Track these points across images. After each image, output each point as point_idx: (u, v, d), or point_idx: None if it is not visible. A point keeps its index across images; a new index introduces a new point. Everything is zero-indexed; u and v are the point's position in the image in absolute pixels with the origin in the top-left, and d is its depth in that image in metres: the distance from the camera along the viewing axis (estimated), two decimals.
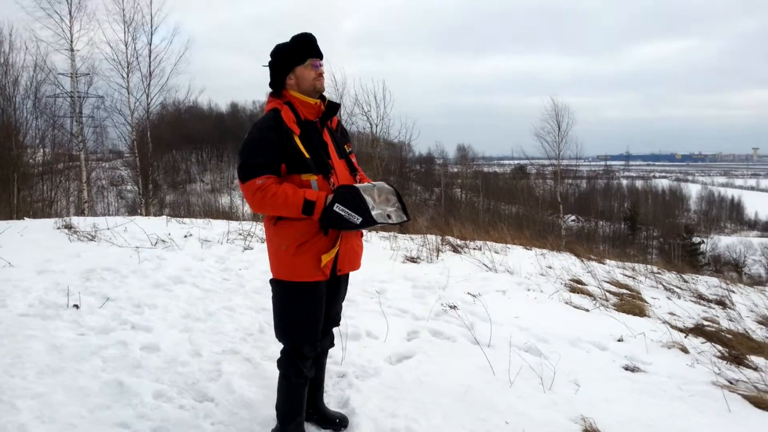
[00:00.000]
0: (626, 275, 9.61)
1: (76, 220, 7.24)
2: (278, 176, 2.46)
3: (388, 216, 2.50)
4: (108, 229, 6.79)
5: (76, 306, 4.03)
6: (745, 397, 3.74)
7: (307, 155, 2.47)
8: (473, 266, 7.60)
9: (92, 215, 14.65)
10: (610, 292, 7.29)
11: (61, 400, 2.80)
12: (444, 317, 4.90)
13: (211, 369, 3.34)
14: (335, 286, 2.69)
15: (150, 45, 21.07)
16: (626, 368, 4.14)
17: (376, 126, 23.68)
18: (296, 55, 2.56)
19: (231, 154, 76.57)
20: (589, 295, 6.84)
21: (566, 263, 9.55)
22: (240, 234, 7.44)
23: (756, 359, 4.82)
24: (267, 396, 3.09)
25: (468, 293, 5.77)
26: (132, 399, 2.87)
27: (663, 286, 9.10)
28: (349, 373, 3.47)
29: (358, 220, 2.38)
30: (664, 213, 73.85)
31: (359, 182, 2.65)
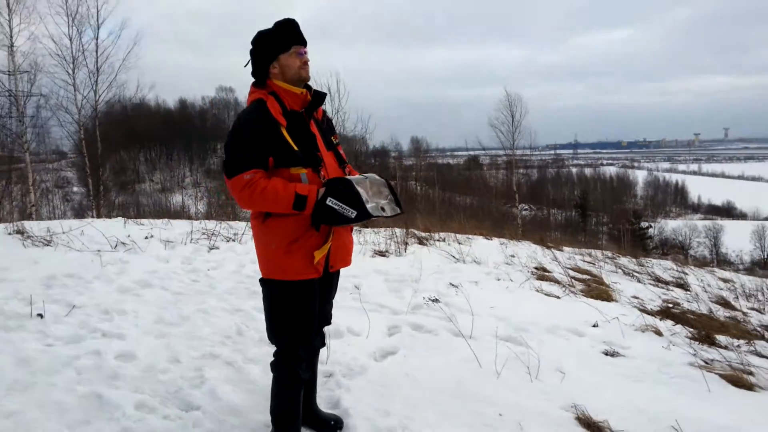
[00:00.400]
0: (586, 261, 9.81)
1: (29, 225, 6.89)
2: (266, 170, 2.34)
3: (382, 209, 2.40)
4: (64, 233, 6.48)
5: (41, 315, 3.81)
6: (722, 376, 3.82)
7: (295, 148, 2.36)
8: (442, 258, 7.60)
9: (38, 220, 14.02)
10: (575, 278, 7.41)
11: (35, 418, 2.62)
12: (422, 310, 4.87)
13: (193, 375, 3.19)
14: (327, 284, 2.60)
15: (96, 39, 20.23)
16: (606, 353, 4.19)
17: (334, 119, 23.46)
18: (279, 42, 2.43)
19: (180, 151, 74.90)
20: (557, 282, 6.92)
21: (527, 251, 9.68)
22: (204, 234, 7.23)
23: (722, 338, 4.96)
24: (254, 401, 2.98)
25: (450, 284, 5.76)
26: (113, 412, 2.71)
27: (622, 270, 9.31)
28: (336, 372, 3.39)
29: (352, 213, 2.29)
30: (613, 199, 76.01)
31: (349, 175, 2.56)
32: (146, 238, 6.71)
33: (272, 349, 3.72)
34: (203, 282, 5.16)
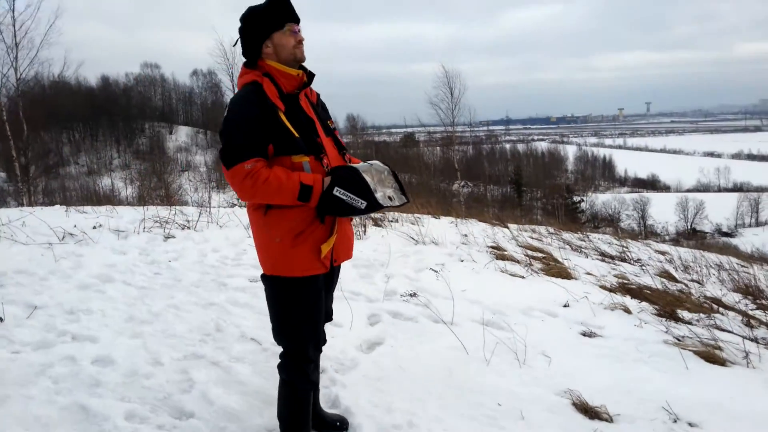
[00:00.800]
0: (533, 238, 10.01)
1: None
2: (267, 159, 2.19)
3: (389, 198, 2.28)
4: (3, 224, 6.02)
5: (0, 319, 3.52)
6: (695, 352, 3.96)
7: (296, 134, 2.21)
8: (402, 240, 7.56)
9: None
10: (531, 256, 7.53)
11: None
12: (397, 297, 4.81)
13: (180, 379, 3.03)
14: (330, 278, 2.49)
15: (13, 11, 18.86)
16: (584, 334, 4.27)
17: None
18: (272, 19, 2.25)
19: (106, 132, 71.61)
20: (517, 261, 7.01)
21: (477, 230, 9.79)
22: (156, 221, 6.89)
23: (683, 313, 5.16)
24: (250, 404, 2.85)
25: (418, 268, 5.74)
26: (102, 424, 2.53)
27: (570, 246, 9.54)
28: (327, 368, 3.29)
29: (362, 204, 2.17)
30: (545, 174, 78.29)
31: (349, 162, 2.43)
32: (95, 227, 6.33)
33: (256, 346, 3.62)
34: (166, 274, 4.91)
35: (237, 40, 2.37)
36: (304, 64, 2.36)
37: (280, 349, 2.44)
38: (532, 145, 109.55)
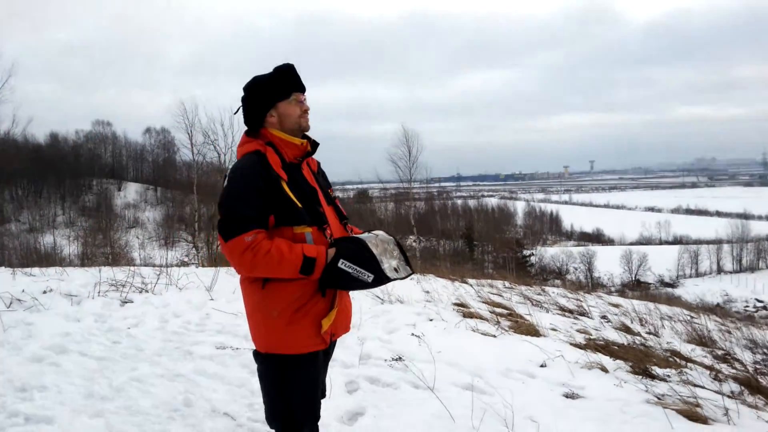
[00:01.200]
0: (493, 294, 10.02)
1: None
2: (267, 230, 2.10)
3: (395, 269, 2.19)
4: None
5: None
6: (678, 411, 3.91)
7: (299, 204, 2.13)
8: (368, 299, 7.42)
9: None
10: (497, 313, 7.48)
11: None
12: (373, 361, 4.64)
13: None
14: (327, 354, 2.35)
15: None
16: (567, 396, 4.18)
17: (225, 155, 22.83)
18: (279, 89, 2.22)
19: (51, 189, 69.47)
20: (485, 319, 6.94)
21: (438, 286, 9.74)
22: (112, 284, 6.54)
23: (654, 369, 5.15)
24: None
25: (390, 330, 5.58)
26: None
27: (530, 301, 9.57)
28: None
29: (369, 277, 2.09)
30: (495, 229, 79.71)
31: (351, 232, 2.34)
32: (45, 292, 5.95)
33: (229, 421, 3.36)
34: (126, 343, 4.61)
35: (238, 109, 2.31)
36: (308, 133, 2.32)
37: (257, 425, 2.26)
38: (483, 201, 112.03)
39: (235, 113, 2.31)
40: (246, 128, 2.28)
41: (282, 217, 2.11)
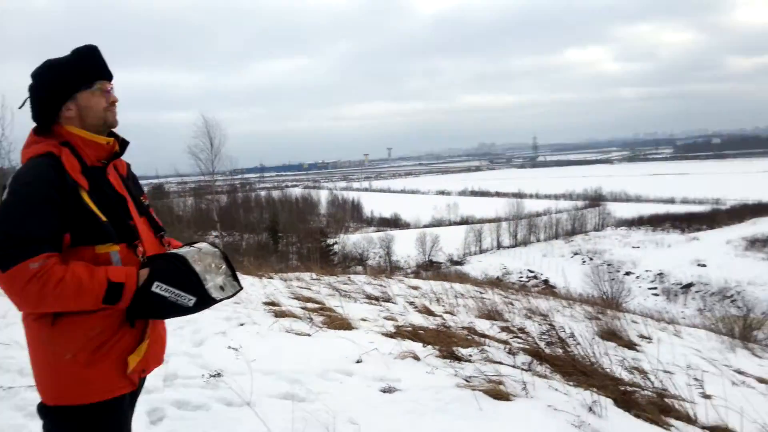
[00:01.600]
0: (301, 287, 10.01)
1: None
2: (60, 253, 1.71)
3: (221, 288, 1.90)
4: None
5: None
6: (485, 392, 4.18)
7: (103, 218, 1.77)
8: None
9: None
10: (309, 309, 7.45)
11: None
12: (179, 380, 4.27)
13: None
14: (134, 395, 2.02)
15: None
16: (384, 391, 4.24)
17: (4, 159, 19.86)
18: (80, 75, 1.83)
19: None
20: (297, 317, 6.85)
21: (245, 284, 9.45)
22: None
23: (459, 350, 5.50)
24: None
25: (196, 340, 5.19)
26: None
27: (338, 292, 9.70)
28: None
29: (190, 301, 1.79)
30: (300, 219, 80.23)
31: (169, 246, 2.03)
32: None
33: None
34: None
35: (25, 101, 1.86)
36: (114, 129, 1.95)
37: None
38: (287, 191, 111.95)
39: (20, 107, 1.85)
40: (35, 125, 1.85)
41: (80, 234, 1.74)
